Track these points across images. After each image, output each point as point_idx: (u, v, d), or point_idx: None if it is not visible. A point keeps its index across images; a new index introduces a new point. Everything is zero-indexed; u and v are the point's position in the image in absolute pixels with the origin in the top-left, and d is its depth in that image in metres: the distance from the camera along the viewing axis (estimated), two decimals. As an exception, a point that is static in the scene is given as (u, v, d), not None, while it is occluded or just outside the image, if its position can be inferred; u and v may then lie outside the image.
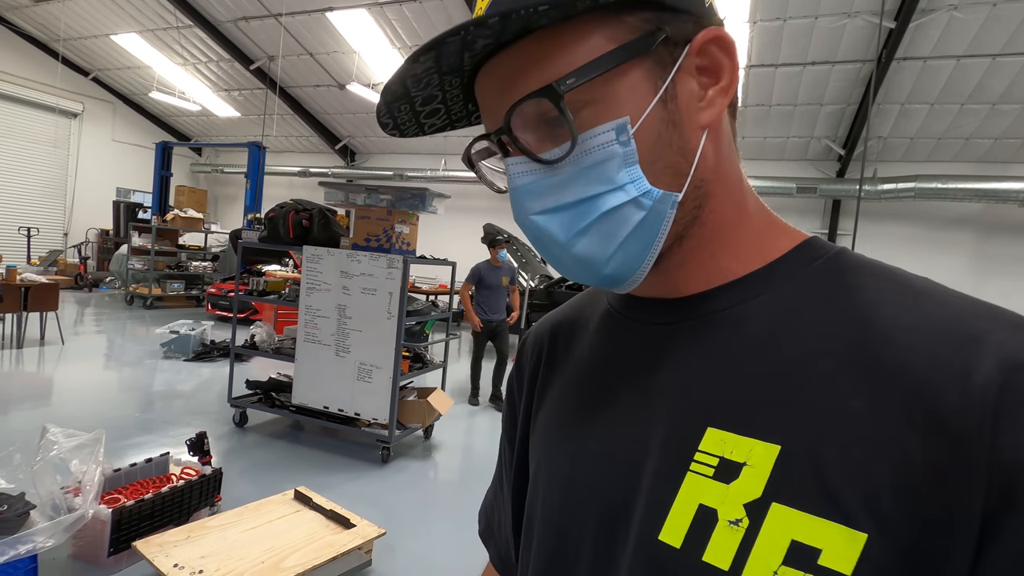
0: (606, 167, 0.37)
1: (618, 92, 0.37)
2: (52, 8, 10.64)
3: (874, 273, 0.38)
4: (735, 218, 0.42)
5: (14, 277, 5.92)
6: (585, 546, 0.42)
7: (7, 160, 11.49)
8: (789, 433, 0.34)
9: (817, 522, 0.31)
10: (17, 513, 2.00)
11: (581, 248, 0.39)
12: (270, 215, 3.92)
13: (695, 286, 0.42)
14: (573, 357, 0.51)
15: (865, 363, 0.33)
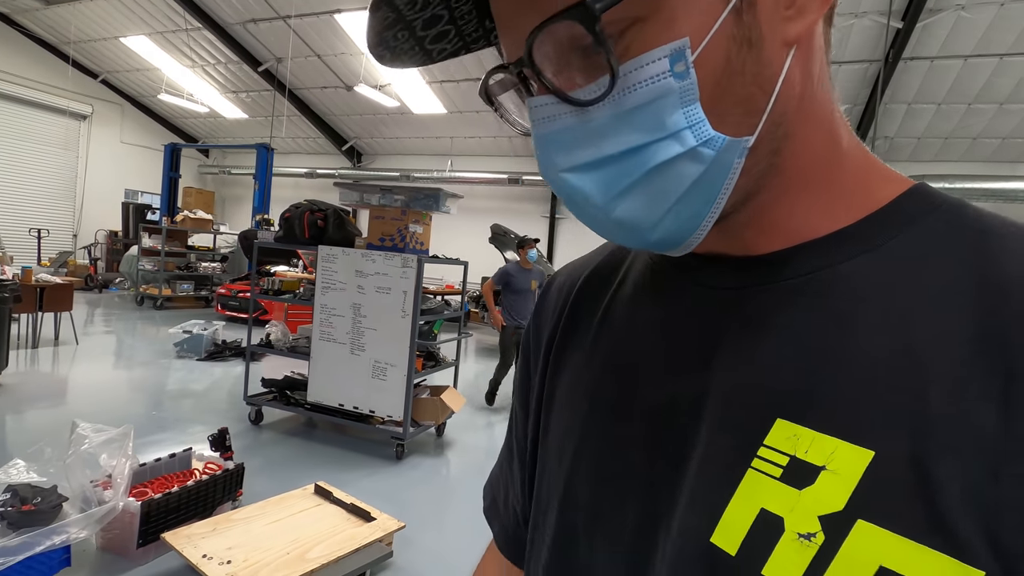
0: (656, 108, 0.29)
1: (673, 5, 0.28)
2: (62, 11, 10.74)
3: (1013, 234, 0.30)
4: (825, 159, 0.34)
5: (30, 278, 6.00)
6: (614, 536, 0.36)
7: (18, 162, 11.60)
8: (888, 436, 0.27)
9: (917, 550, 0.25)
10: (51, 505, 2.06)
11: (623, 211, 0.31)
12: (286, 215, 3.97)
13: (772, 243, 0.34)
14: (604, 316, 0.43)
15: (1000, 352, 0.26)
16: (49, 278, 6.32)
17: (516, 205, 11.95)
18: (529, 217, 11.74)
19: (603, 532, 0.37)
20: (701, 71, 0.28)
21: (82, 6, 10.46)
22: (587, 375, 0.42)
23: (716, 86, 0.29)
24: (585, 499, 0.39)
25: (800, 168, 0.33)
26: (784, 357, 0.31)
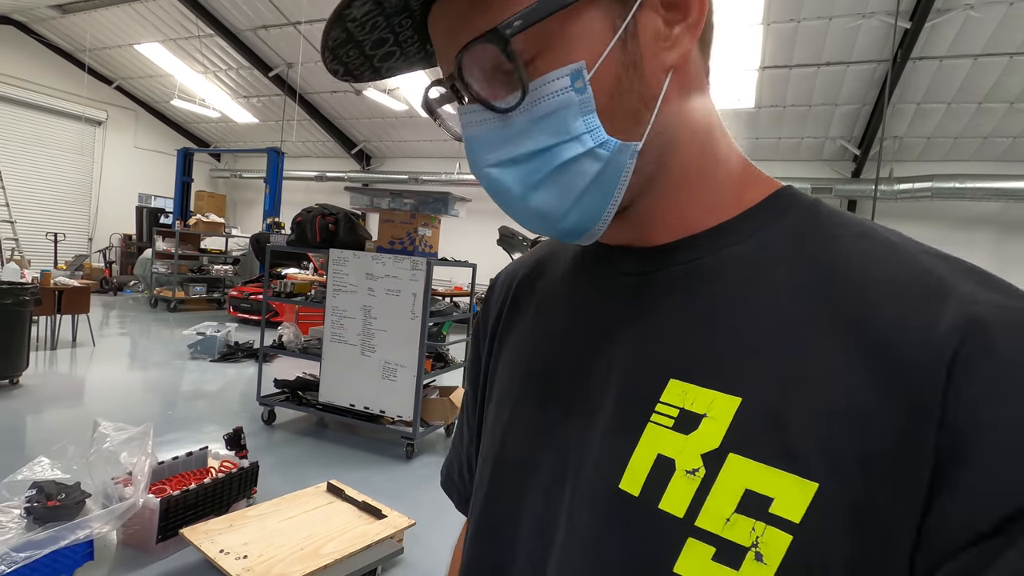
0: (561, 116, 0.35)
1: (572, 34, 0.34)
2: (78, 20, 10.95)
3: (848, 225, 0.37)
4: (704, 164, 0.40)
5: (48, 281, 6.14)
6: (539, 491, 0.42)
7: (35, 167, 11.83)
8: (751, 386, 0.34)
9: (771, 472, 0.32)
10: (75, 501, 2.13)
11: (537, 201, 0.37)
12: (298, 219, 4.05)
13: (664, 236, 0.41)
14: (539, 302, 0.50)
15: (833, 316, 0.33)
16: (67, 281, 6.46)
17: None
18: (537, 219, 11.76)
19: (527, 483, 0.43)
20: (596, 87, 0.34)
21: (97, 14, 10.66)
22: (523, 349, 0.49)
23: (610, 100, 0.35)
24: (513, 454, 0.45)
25: (682, 172, 0.40)
26: (675, 328, 0.38)
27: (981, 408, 0.28)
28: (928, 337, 0.30)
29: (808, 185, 9.22)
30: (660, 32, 0.36)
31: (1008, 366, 0.28)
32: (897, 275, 0.33)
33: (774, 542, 0.31)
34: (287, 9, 9.31)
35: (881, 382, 0.31)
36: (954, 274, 0.32)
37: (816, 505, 0.30)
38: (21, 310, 4.54)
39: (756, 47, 7.62)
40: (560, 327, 0.47)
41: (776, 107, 8.75)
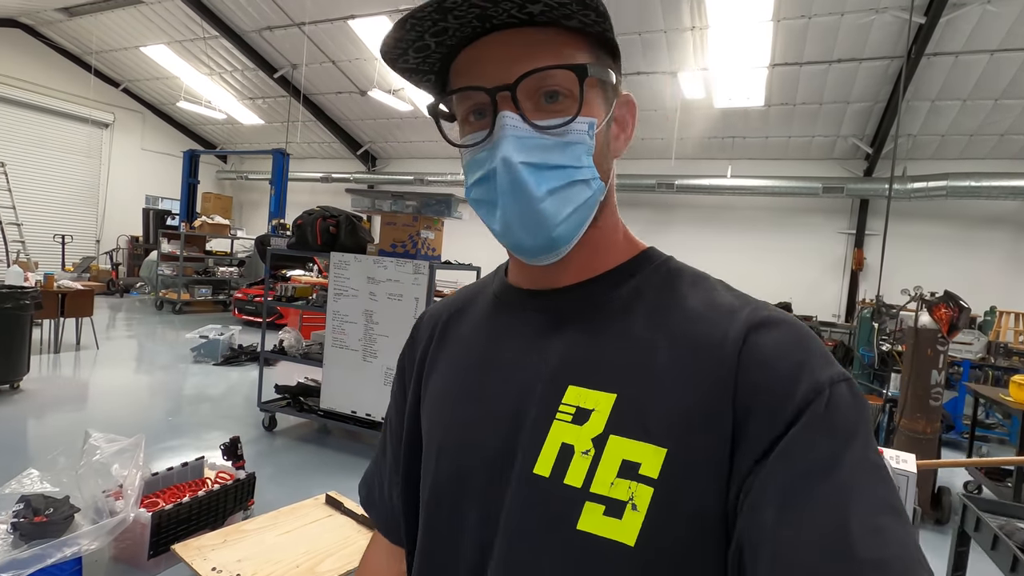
0: (579, 149, 0.48)
1: (594, 100, 0.49)
2: (85, 22, 10.97)
3: (685, 275, 0.54)
4: (613, 228, 0.55)
5: (51, 284, 6.11)
6: (477, 491, 0.51)
7: (43, 170, 11.87)
8: (623, 385, 0.47)
9: (638, 445, 0.44)
10: (63, 516, 2.06)
11: (547, 204, 0.47)
12: (298, 222, 3.98)
13: (572, 278, 0.54)
14: (462, 336, 0.60)
15: (672, 332, 0.48)
16: (70, 284, 6.43)
17: None
18: (543, 220, 11.66)
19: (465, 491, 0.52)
20: (597, 141, 0.49)
21: (104, 17, 10.67)
22: (450, 378, 0.59)
23: (599, 154, 0.50)
24: (450, 475, 0.54)
25: (603, 228, 0.54)
26: (574, 348, 0.51)
27: (755, 378, 0.43)
28: (725, 340, 0.45)
29: (819, 184, 9.06)
30: (615, 132, 0.53)
31: (765, 349, 0.44)
32: (709, 305, 0.49)
33: (643, 494, 0.43)
34: (291, 10, 9.27)
35: (701, 373, 0.45)
36: (741, 303, 0.49)
37: (667, 464, 0.43)
38: (21, 314, 4.50)
39: (766, 44, 7.48)
40: (482, 357, 0.57)
41: (786, 105, 8.60)
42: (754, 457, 0.41)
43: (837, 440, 0.40)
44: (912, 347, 3.47)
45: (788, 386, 0.42)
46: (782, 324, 0.46)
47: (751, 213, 10.19)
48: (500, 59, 0.47)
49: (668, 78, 8.63)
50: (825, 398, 0.41)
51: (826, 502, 0.37)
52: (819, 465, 0.38)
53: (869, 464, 0.39)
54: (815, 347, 0.45)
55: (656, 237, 9.45)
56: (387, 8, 8.59)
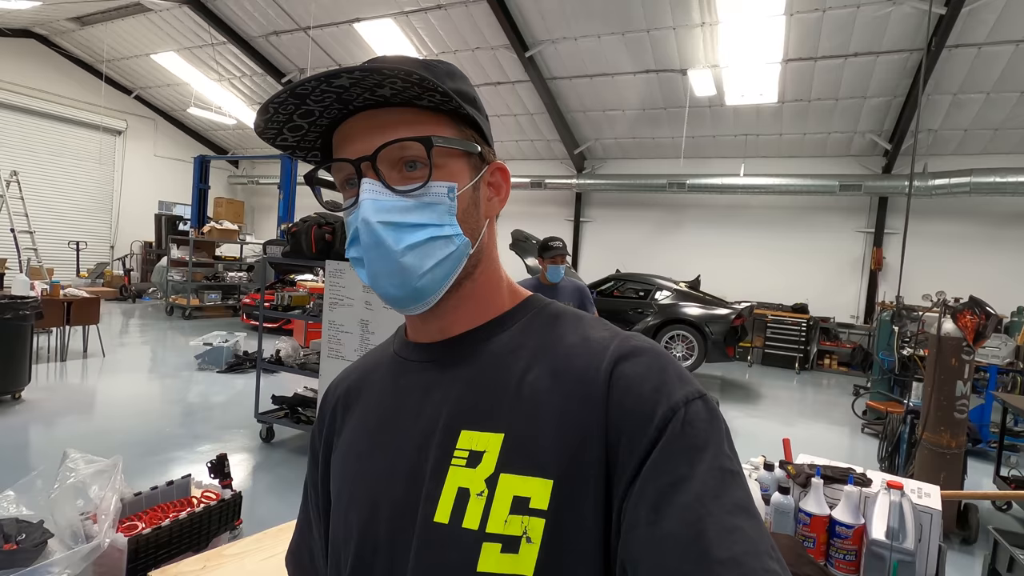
0: (438, 209, 0.52)
1: (454, 166, 0.54)
2: (96, 31, 11.09)
3: (562, 315, 0.58)
4: (495, 282, 0.59)
5: (57, 292, 6.12)
6: (383, 543, 0.53)
7: (57, 177, 12.03)
8: (509, 424, 0.50)
9: (526, 480, 0.47)
10: (34, 543, 1.98)
11: (408, 259, 0.51)
12: (292, 229, 3.89)
13: (460, 327, 0.57)
14: (363, 400, 0.63)
15: (553, 369, 0.51)
16: (76, 292, 6.44)
17: (539, 209, 11.77)
18: (552, 220, 11.54)
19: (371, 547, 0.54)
20: (459, 202, 0.54)
21: (114, 25, 10.77)
22: (354, 438, 0.61)
23: (463, 213, 0.55)
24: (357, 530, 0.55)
25: (484, 282, 0.58)
26: (465, 393, 0.54)
27: (621, 404, 0.47)
28: (598, 372, 0.49)
29: (836, 182, 8.80)
30: (487, 194, 0.58)
31: (629, 377, 0.48)
32: (585, 341, 0.53)
33: (535, 526, 0.46)
34: (297, 15, 9.25)
35: (578, 404, 0.48)
36: (612, 338, 0.53)
37: (555, 494, 0.46)
38: (21, 324, 4.48)
39: (779, 39, 7.27)
40: (383, 414, 0.59)
41: (800, 101, 8.37)
42: (627, 479, 0.44)
43: (692, 453, 0.44)
44: (935, 356, 3.27)
45: (649, 409, 0.46)
46: (644, 352, 0.50)
47: (765, 212, 9.95)
48: (363, 135, 0.52)
49: (678, 76, 8.45)
50: (681, 417, 0.45)
51: (683, 510, 0.41)
52: (677, 478, 0.43)
53: (721, 471, 0.44)
54: (672, 370, 0.49)
55: (667, 237, 9.31)
56: (392, 10, 8.53)
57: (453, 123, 0.54)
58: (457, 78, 0.55)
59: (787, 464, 1.56)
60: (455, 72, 0.56)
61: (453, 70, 0.56)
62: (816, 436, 5.46)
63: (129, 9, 10.11)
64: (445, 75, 0.54)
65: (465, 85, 0.56)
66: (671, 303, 7.54)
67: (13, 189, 9.45)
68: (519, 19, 8.24)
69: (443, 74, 0.54)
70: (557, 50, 8.62)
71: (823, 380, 8.50)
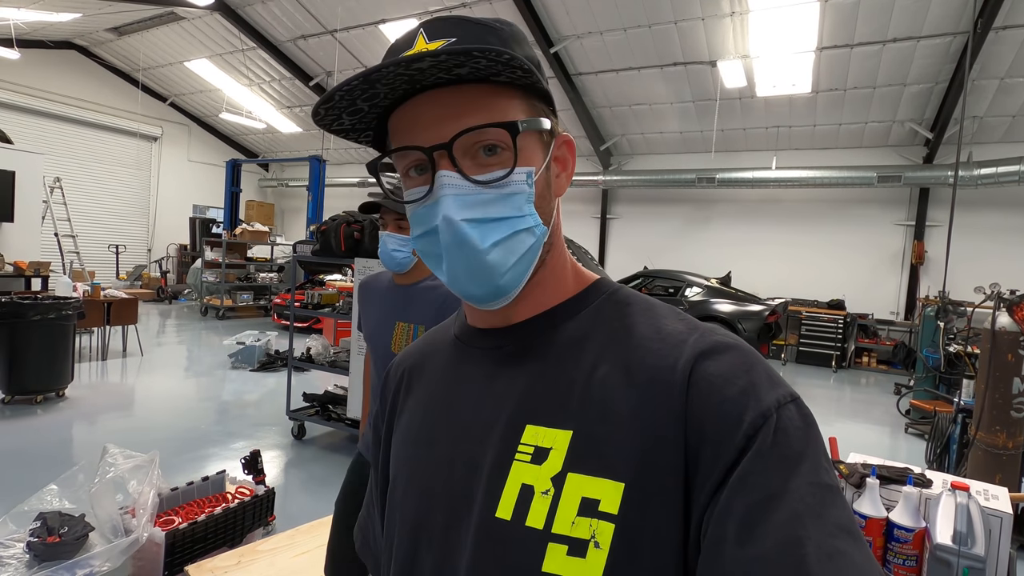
0: (518, 199, 0.49)
1: (531, 148, 0.50)
2: (133, 41, 11.43)
3: (632, 302, 0.53)
4: (561, 264, 0.56)
5: (98, 294, 6.32)
6: (437, 533, 0.51)
7: (97, 183, 12.45)
8: (578, 421, 0.47)
9: (596, 481, 0.44)
10: (76, 536, 2.02)
11: (493, 256, 0.48)
12: (322, 228, 3.92)
13: (525, 313, 0.54)
14: (424, 383, 0.61)
15: (624, 364, 0.48)
16: (116, 294, 6.63)
17: (565, 206, 11.40)
18: (580, 218, 11.45)
19: (423, 537, 0.52)
20: (536, 188, 0.50)
21: (149, 34, 11.08)
22: (413, 424, 0.59)
23: (539, 199, 0.51)
24: (412, 516, 0.54)
25: (552, 267, 0.55)
26: (529, 385, 0.51)
27: (704, 406, 0.43)
28: (674, 370, 0.45)
29: (874, 173, 8.49)
30: (555, 171, 0.54)
31: (712, 376, 0.44)
32: (659, 334, 0.49)
33: (604, 531, 0.43)
34: (324, 18, 9.37)
35: (653, 403, 0.44)
36: (689, 331, 0.48)
37: (626, 498, 0.43)
38: (65, 324, 4.62)
39: (812, 26, 7.04)
40: (442, 399, 0.57)
41: (835, 91, 8.09)
42: (710, 488, 0.41)
43: (787, 465, 0.40)
44: (989, 352, 3.10)
45: (736, 414, 0.42)
46: (728, 350, 0.46)
47: (798, 206, 9.67)
48: (435, 119, 0.48)
49: (707, 68, 8.26)
50: (772, 423, 0.41)
51: (779, 530, 0.37)
52: (770, 493, 0.39)
53: (820, 486, 0.40)
54: (761, 369, 0.45)
55: (696, 234, 9.13)
56: (418, 10, 8.56)
57: (524, 97, 0.49)
58: (523, 42, 0.51)
59: (838, 463, 1.47)
60: (519, 36, 0.51)
61: (517, 33, 0.51)
62: (857, 436, 5.26)
63: (164, 18, 10.39)
64: (513, 41, 0.50)
65: (529, 48, 0.52)
66: (702, 300, 7.39)
67: (56, 195, 9.80)
68: (543, 15, 8.18)
69: (510, 39, 0.50)
70: (582, 45, 8.53)
71: (862, 378, 8.21)
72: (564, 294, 0.55)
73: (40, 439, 3.96)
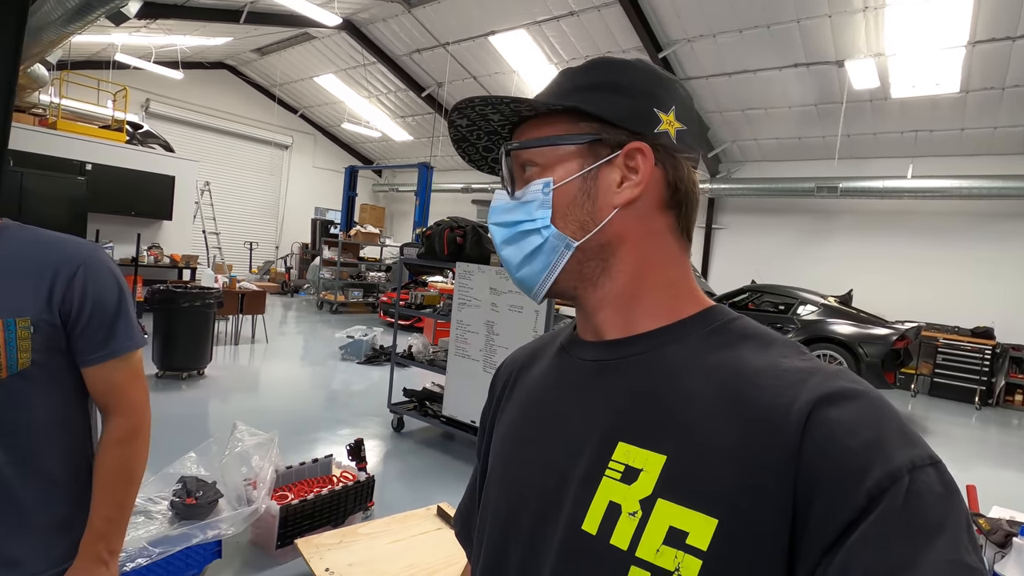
0: (531, 206, 0.55)
1: (552, 162, 0.54)
2: (272, 59, 12.75)
3: (750, 334, 0.51)
4: (651, 283, 0.54)
5: (234, 286, 7.10)
6: (524, 535, 0.53)
7: (236, 187, 14.00)
8: (675, 447, 0.46)
9: (687, 512, 0.43)
10: (208, 500, 2.29)
11: (507, 253, 0.57)
12: (427, 233, 4.12)
13: (615, 333, 0.55)
14: (528, 383, 0.63)
15: (733, 397, 0.45)
16: (248, 286, 7.41)
17: None
18: (682, 228, 11.01)
19: (513, 531, 0.54)
20: (557, 196, 0.54)
21: (286, 53, 12.30)
22: (512, 420, 0.62)
23: (565, 206, 0.54)
24: (503, 511, 0.56)
25: (629, 283, 0.54)
26: (626, 405, 0.50)
27: (822, 456, 0.39)
28: (789, 411, 0.42)
29: (1037, 184, 7.35)
30: (614, 181, 0.53)
31: (834, 424, 0.40)
32: (775, 370, 0.46)
33: (690, 565, 0.41)
34: (438, 32, 9.85)
35: (761, 442, 0.42)
36: (811, 370, 0.45)
37: (718, 536, 0.41)
38: (207, 311, 5.25)
39: (964, 18, 6.27)
40: (542, 404, 0.59)
41: (991, 90, 7.13)
42: (822, 547, 0.38)
43: (919, 536, 0.36)
44: None
45: (859, 468, 0.38)
46: (857, 397, 0.42)
47: (938, 220, 8.62)
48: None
49: (832, 69, 7.64)
50: (904, 485, 0.37)
51: None
52: (895, 565, 0.35)
53: (958, 566, 0.35)
54: (893, 423, 0.41)
55: (811, 247, 8.45)
56: (525, 21, 8.74)
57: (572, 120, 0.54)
58: (598, 69, 0.56)
59: (977, 516, 1.30)
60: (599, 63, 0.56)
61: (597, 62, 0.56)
62: (1003, 486, 4.58)
63: (299, 38, 11.48)
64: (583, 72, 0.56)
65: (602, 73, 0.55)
66: (817, 319, 6.80)
67: (205, 197, 11.16)
68: (653, 20, 8.01)
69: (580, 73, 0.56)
70: (693, 49, 8.24)
71: (1013, 419, 7.13)
72: (671, 315, 0.53)
73: (183, 410, 4.53)
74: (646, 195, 0.52)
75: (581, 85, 0.54)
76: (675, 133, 0.53)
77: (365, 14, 10.13)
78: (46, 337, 0.92)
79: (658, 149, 0.52)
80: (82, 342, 0.96)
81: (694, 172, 0.55)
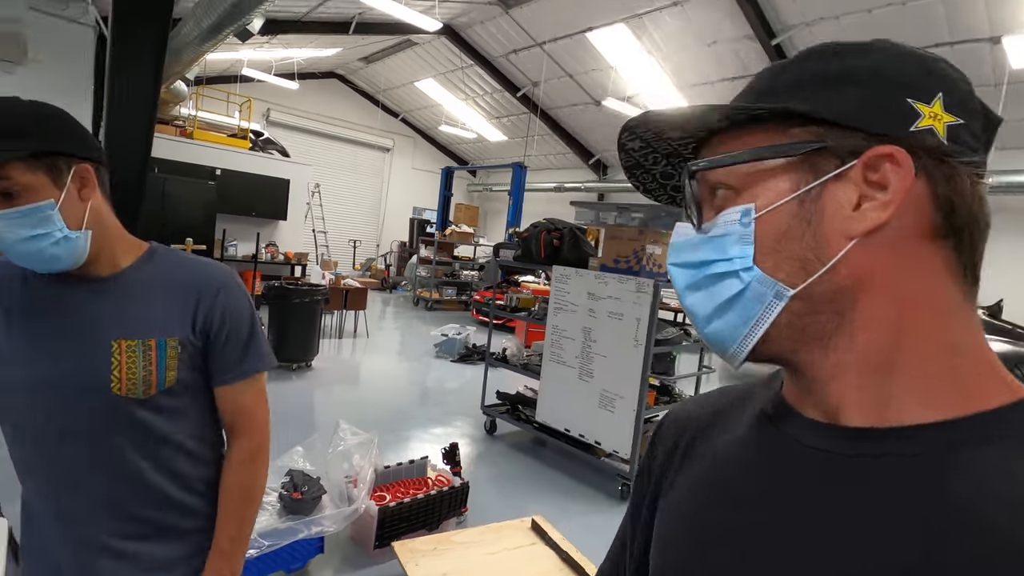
0: (724, 241, 0.42)
1: (752, 183, 0.41)
2: (376, 67, 13.39)
3: None
4: (924, 350, 0.37)
5: (339, 282, 7.49)
6: None
7: (342, 188, 14.87)
8: None
9: None
10: (313, 496, 2.36)
11: (691, 301, 0.45)
12: (524, 235, 4.06)
13: (859, 416, 0.39)
14: (713, 453, 0.50)
15: None
16: (351, 283, 7.80)
17: None
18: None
19: None
20: (761, 226, 0.40)
21: (389, 60, 12.85)
22: (694, 499, 0.48)
23: (774, 240, 0.40)
24: None
25: (883, 344, 0.38)
26: (899, 533, 0.34)
27: None
28: None
29: None
30: (848, 202, 0.38)
31: None
32: None
33: None
34: (534, 31, 9.80)
35: None
36: None
37: None
38: (315, 307, 5.56)
39: None
40: (740, 496, 0.44)
41: None
42: None
43: None
44: None
45: None
46: None
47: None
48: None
49: (985, 46, 6.65)
50: None
51: None
52: None
53: None
54: None
55: None
56: (624, 15, 8.46)
57: (780, 125, 0.41)
58: (817, 57, 0.42)
59: None
60: (818, 50, 0.42)
61: (815, 49, 0.43)
62: None
63: (401, 45, 11.95)
64: (795, 65, 0.42)
65: (824, 62, 0.41)
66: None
67: (315, 198, 11.94)
68: (765, 3, 7.42)
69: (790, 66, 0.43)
70: (812, 33, 7.53)
71: None
72: (962, 401, 0.36)
73: (293, 401, 4.82)
74: (902, 219, 0.37)
75: (792, 81, 0.41)
76: (944, 130, 0.37)
77: (464, 18, 10.31)
78: (189, 356, 0.95)
79: (918, 154, 0.36)
80: (219, 362, 0.99)
81: (980, 184, 0.38)
